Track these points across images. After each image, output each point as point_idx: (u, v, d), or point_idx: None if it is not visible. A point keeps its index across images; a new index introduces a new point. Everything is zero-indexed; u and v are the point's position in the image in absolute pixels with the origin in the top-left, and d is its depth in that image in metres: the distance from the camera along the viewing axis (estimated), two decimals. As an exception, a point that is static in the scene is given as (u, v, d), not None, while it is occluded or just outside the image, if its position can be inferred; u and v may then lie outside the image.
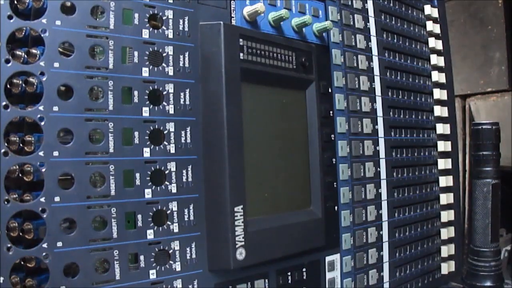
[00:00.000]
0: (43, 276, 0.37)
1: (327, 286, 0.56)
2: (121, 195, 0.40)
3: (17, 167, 0.36)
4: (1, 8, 0.36)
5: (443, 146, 0.73)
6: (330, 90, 0.58)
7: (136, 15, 0.42)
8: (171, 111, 0.44)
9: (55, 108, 0.37)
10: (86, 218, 0.38)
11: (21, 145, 0.37)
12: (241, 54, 0.47)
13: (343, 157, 0.59)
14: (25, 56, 0.37)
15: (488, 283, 0.63)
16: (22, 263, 0.36)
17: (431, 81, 0.74)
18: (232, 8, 0.50)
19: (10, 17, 0.36)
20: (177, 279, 0.43)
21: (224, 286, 0.46)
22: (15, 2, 0.37)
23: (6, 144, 0.36)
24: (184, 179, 0.44)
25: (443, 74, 0.75)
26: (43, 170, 0.37)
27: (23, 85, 0.37)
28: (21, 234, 0.37)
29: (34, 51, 0.37)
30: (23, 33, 0.38)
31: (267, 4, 0.53)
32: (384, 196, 0.64)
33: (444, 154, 0.74)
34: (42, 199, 0.36)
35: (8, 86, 0.37)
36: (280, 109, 0.52)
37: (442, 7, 0.78)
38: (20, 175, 0.37)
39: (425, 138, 0.72)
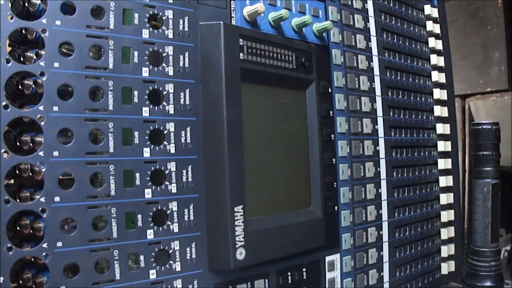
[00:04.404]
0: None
1: (327, 286, 0.56)
2: (121, 195, 0.40)
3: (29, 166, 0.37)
4: (1, 8, 0.36)
5: (443, 146, 0.73)
6: (330, 90, 0.58)
7: (136, 15, 0.42)
8: (171, 111, 0.44)
9: (55, 108, 0.37)
10: (86, 218, 0.38)
11: (18, 144, 0.37)
12: (241, 54, 0.47)
13: (343, 157, 0.59)
14: (35, 57, 0.37)
15: (488, 283, 0.63)
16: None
17: (431, 81, 0.74)
18: (232, 8, 0.50)
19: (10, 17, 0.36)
20: (177, 279, 0.43)
21: (224, 286, 0.46)
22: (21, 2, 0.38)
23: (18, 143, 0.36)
24: (184, 179, 0.44)
25: (443, 74, 0.75)
26: (43, 170, 0.37)
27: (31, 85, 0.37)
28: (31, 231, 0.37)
29: (42, 52, 0.38)
30: (34, 35, 0.38)
31: (267, 4, 0.53)
32: (384, 196, 0.64)
33: (444, 154, 0.74)
34: (42, 199, 0.36)
35: (20, 86, 0.37)
36: (280, 109, 0.52)
37: (442, 7, 0.78)
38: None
39: (425, 138, 0.72)
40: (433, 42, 0.74)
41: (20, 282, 0.37)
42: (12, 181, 0.38)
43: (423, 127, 0.72)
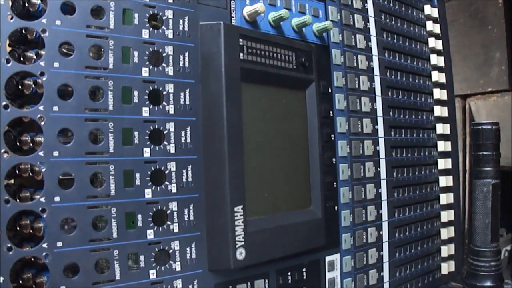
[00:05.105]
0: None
1: (327, 286, 0.56)
2: (121, 195, 0.40)
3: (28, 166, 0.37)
4: (1, 8, 0.36)
5: (443, 146, 0.73)
6: (330, 90, 0.58)
7: (136, 15, 0.42)
8: (171, 111, 0.44)
9: (55, 108, 0.37)
10: (86, 218, 0.38)
11: (18, 144, 0.37)
12: (241, 54, 0.47)
13: (343, 157, 0.59)
14: (35, 57, 0.37)
15: (488, 283, 0.63)
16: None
17: (431, 81, 0.74)
18: (232, 8, 0.50)
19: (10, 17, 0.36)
20: (177, 279, 0.43)
21: (224, 286, 0.46)
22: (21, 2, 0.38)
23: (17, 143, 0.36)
24: (184, 179, 0.44)
25: (443, 74, 0.75)
26: (43, 170, 0.37)
27: (29, 85, 0.37)
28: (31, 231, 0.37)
29: (42, 52, 0.38)
30: (34, 35, 0.38)
31: (267, 4, 0.53)
32: (384, 196, 0.64)
33: (444, 154, 0.74)
34: (42, 199, 0.36)
35: (20, 86, 0.37)
36: (280, 109, 0.52)
37: (442, 7, 0.78)
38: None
39: (425, 138, 0.72)
40: (433, 42, 0.74)
41: (20, 282, 0.37)
42: (12, 181, 0.38)
43: (423, 127, 0.72)
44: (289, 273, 0.52)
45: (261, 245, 0.47)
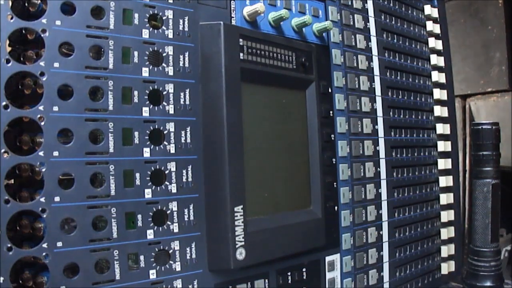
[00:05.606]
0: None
1: (327, 286, 0.56)
2: (121, 195, 0.40)
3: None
4: (1, 8, 0.36)
5: (443, 146, 0.73)
6: (330, 90, 0.58)
7: (136, 15, 0.42)
8: (171, 111, 0.44)
9: (55, 108, 0.37)
10: (86, 218, 0.38)
11: (18, 144, 0.37)
12: (241, 54, 0.47)
13: (343, 157, 0.59)
14: (35, 57, 0.37)
15: (488, 283, 0.63)
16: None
17: (431, 81, 0.74)
18: (232, 8, 0.50)
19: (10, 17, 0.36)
20: (177, 279, 0.43)
21: (224, 286, 0.46)
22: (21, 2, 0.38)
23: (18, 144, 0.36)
24: (184, 179, 0.44)
25: (443, 74, 0.75)
26: (43, 170, 0.37)
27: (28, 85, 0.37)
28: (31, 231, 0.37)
29: (42, 51, 0.37)
30: (34, 35, 0.38)
31: (267, 4, 0.53)
32: (384, 196, 0.64)
33: (444, 154, 0.74)
34: (42, 199, 0.36)
35: (20, 86, 0.37)
36: (280, 109, 0.52)
37: (442, 7, 0.78)
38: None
39: (425, 138, 0.72)
40: (433, 42, 0.74)
41: (20, 282, 0.37)
42: (12, 181, 0.38)
43: (423, 127, 0.72)
44: (289, 273, 0.52)
45: (261, 245, 0.47)
